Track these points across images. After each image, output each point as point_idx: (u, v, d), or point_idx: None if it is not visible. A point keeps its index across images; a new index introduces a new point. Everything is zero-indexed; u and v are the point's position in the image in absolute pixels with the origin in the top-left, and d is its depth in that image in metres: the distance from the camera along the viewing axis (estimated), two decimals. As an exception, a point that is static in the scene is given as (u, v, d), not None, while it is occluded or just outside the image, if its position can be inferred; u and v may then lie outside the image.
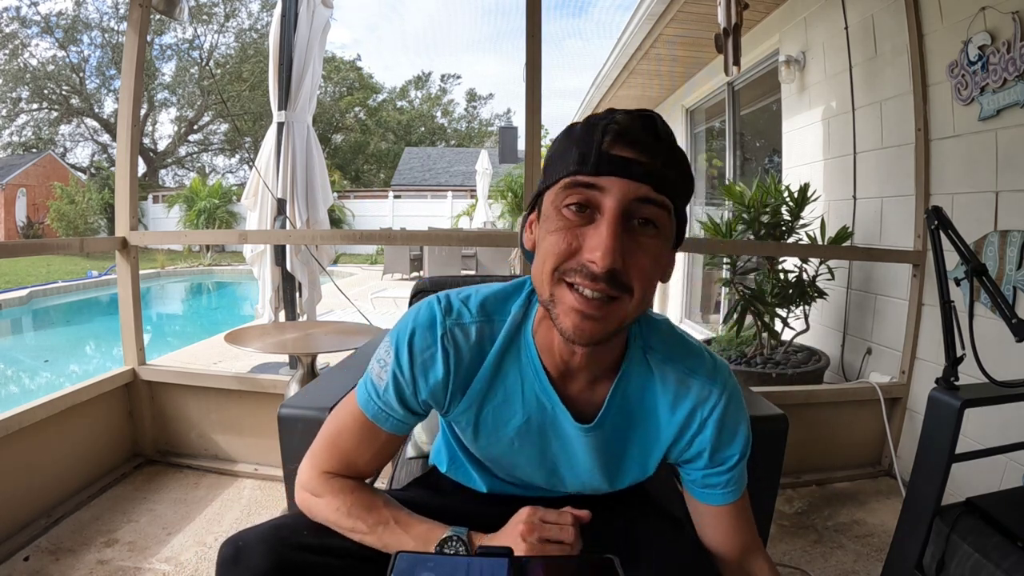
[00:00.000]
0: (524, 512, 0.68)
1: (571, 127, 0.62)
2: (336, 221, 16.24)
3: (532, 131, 1.96)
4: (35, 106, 22.34)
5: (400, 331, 0.71)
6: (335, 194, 17.14)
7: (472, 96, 32.19)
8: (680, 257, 5.44)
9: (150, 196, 18.31)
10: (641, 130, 0.58)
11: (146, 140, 23.62)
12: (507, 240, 2.53)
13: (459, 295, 0.73)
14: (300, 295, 2.91)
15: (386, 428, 0.73)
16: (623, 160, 0.57)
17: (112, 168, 17.37)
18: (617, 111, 0.60)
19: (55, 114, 22.76)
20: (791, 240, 2.63)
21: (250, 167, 3.84)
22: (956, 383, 1.18)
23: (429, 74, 32.06)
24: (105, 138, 23.51)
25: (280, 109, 2.76)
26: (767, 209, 2.60)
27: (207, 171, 25.62)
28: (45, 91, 22.16)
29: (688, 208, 0.65)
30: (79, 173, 20.67)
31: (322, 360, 1.97)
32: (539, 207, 0.64)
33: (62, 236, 14.51)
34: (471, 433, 0.75)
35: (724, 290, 2.86)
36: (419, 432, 1.09)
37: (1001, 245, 1.80)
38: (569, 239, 0.58)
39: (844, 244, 2.48)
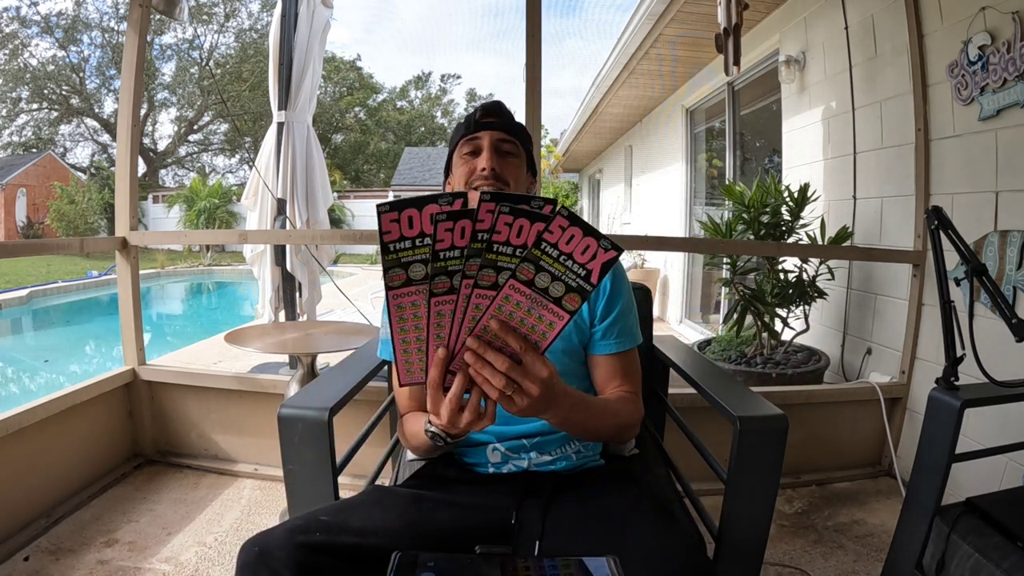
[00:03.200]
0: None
1: (461, 119, 1.08)
2: (336, 221, 16.26)
3: (532, 131, 1.96)
4: (35, 106, 22.34)
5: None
6: (335, 194, 17.15)
7: (472, 96, 32.20)
8: (680, 257, 5.46)
9: (150, 196, 18.32)
10: (494, 109, 1.04)
11: (146, 140, 23.63)
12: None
13: None
14: (300, 295, 2.91)
15: None
16: (487, 122, 1.02)
17: (112, 168, 17.38)
18: (482, 104, 1.06)
19: (55, 114, 22.76)
20: (791, 240, 2.63)
21: (250, 167, 3.84)
22: (956, 383, 1.18)
23: (429, 74, 32.08)
24: (105, 138, 23.52)
25: (280, 109, 2.76)
26: (767, 209, 2.60)
27: (207, 171, 25.64)
28: (45, 91, 22.16)
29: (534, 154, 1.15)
30: (79, 173, 20.68)
31: (322, 360, 1.97)
32: (449, 169, 1.06)
33: (62, 236, 14.51)
34: None
35: (724, 290, 2.86)
36: (419, 432, 1.10)
37: (1001, 245, 1.80)
38: (471, 166, 0.99)
39: (844, 244, 2.48)
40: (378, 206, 0.54)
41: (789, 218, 2.60)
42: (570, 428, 0.82)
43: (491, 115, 1.03)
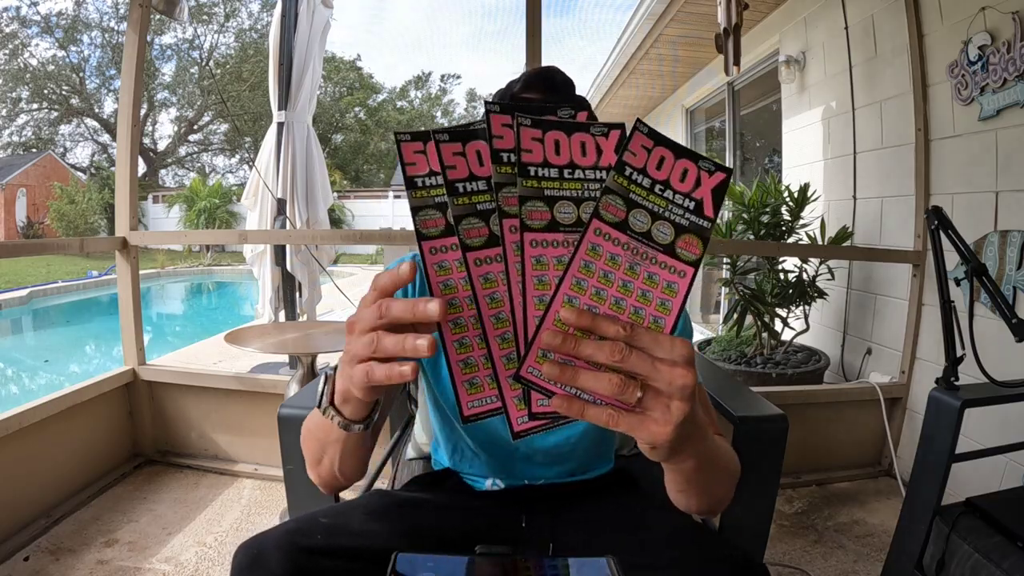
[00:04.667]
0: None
1: (500, 87, 0.82)
2: (336, 221, 16.25)
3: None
4: (35, 106, 22.33)
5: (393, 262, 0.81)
6: (335, 194, 17.13)
7: (472, 96, 32.19)
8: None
9: (150, 196, 18.32)
10: (540, 79, 0.77)
11: (146, 140, 23.62)
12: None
13: None
14: (300, 295, 2.91)
15: None
16: (526, 100, 0.76)
17: (112, 168, 17.38)
18: (531, 69, 0.79)
19: (55, 114, 22.75)
20: (791, 240, 2.63)
21: (250, 167, 3.84)
22: (956, 383, 1.18)
23: (429, 74, 32.04)
24: (105, 138, 23.51)
25: (280, 109, 2.76)
26: (767, 209, 2.60)
27: (207, 171, 25.63)
28: (45, 91, 22.15)
29: None
30: (79, 173, 20.69)
31: (322, 360, 1.97)
32: None
33: (62, 236, 14.51)
34: (436, 373, 0.80)
35: (724, 290, 2.86)
36: (419, 432, 1.09)
37: (1001, 245, 1.80)
38: None
39: (844, 244, 2.48)
40: (396, 134, 0.42)
41: (789, 218, 2.60)
42: (696, 483, 0.56)
43: (534, 88, 0.77)
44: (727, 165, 0.41)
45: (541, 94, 0.76)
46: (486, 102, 0.42)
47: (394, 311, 0.42)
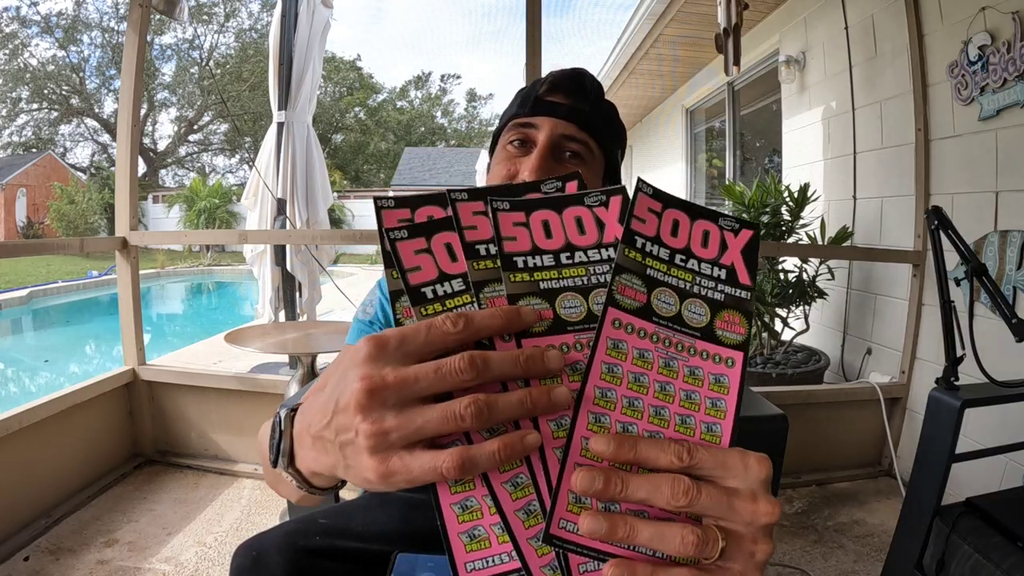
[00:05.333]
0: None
1: (524, 87, 0.76)
2: (336, 221, 16.26)
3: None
4: (35, 106, 22.35)
5: (382, 278, 0.77)
6: (335, 194, 17.15)
7: (472, 96, 32.20)
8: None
9: (150, 196, 18.31)
10: (570, 81, 0.71)
11: (146, 140, 23.63)
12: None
13: None
14: (300, 295, 2.91)
15: None
16: (552, 103, 0.69)
17: (112, 168, 17.39)
18: (559, 70, 0.73)
19: (55, 114, 22.76)
20: (791, 240, 2.63)
21: (250, 167, 3.84)
22: (956, 383, 1.18)
23: (429, 74, 32.12)
24: (105, 138, 23.52)
25: (280, 109, 2.76)
26: (767, 209, 2.60)
27: (207, 171, 25.65)
28: (45, 91, 22.16)
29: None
30: (79, 173, 20.69)
31: (322, 360, 1.97)
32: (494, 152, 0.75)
33: (62, 236, 14.51)
34: None
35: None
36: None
37: (1001, 245, 1.80)
38: (508, 166, 0.68)
39: (844, 244, 2.48)
40: (376, 200, 0.34)
41: (789, 218, 2.60)
42: None
43: (562, 91, 0.70)
44: (752, 221, 0.37)
45: (570, 98, 0.70)
46: (449, 191, 0.34)
47: (497, 365, 0.29)
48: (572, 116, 0.68)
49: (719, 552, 0.29)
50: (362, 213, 17.67)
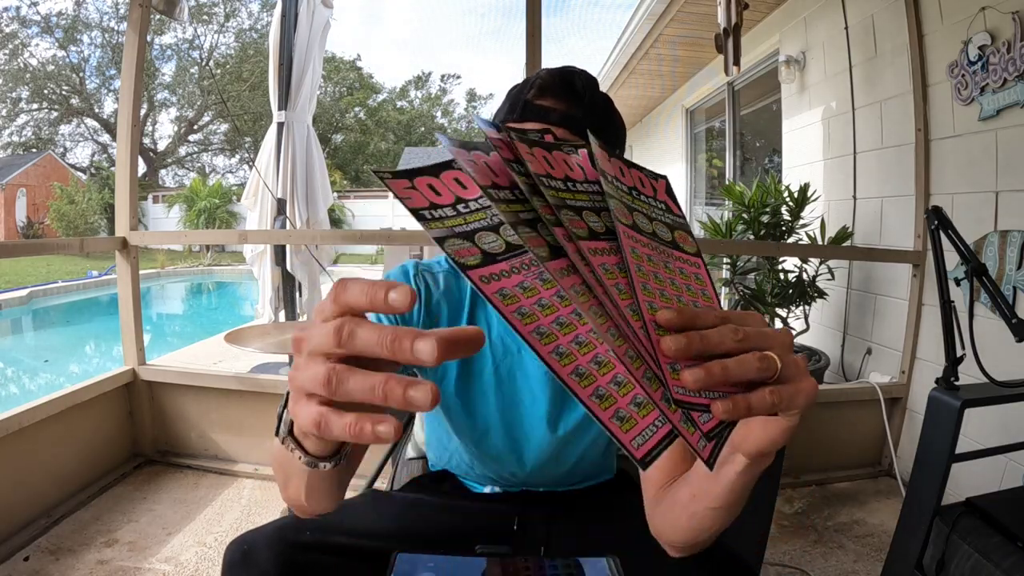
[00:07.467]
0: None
1: (514, 85, 0.73)
2: (336, 221, 16.25)
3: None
4: (35, 106, 22.35)
5: (387, 272, 0.77)
6: (335, 194, 17.15)
7: (472, 96, 32.22)
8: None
9: (150, 196, 18.32)
10: (560, 84, 0.68)
11: (146, 140, 23.63)
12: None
13: (432, 258, 0.81)
14: (300, 295, 2.91)
15: None
16: (543, 108, 0.67)
17: (112, 168, 17.38)
18: (548, 69, 0.71)
19: (55, 114, 22.77)
20: (791, 240, 2.63)
21: (250, 167, 3.84)
22: (956, 383, 1.18)
23: (429, 74, 32.12)
24: (105, 138, 23.52)
25: (280, 109, 2.76)
26: (767, 209, 2.60)
27: (207, 171, 25.66)
28: (45, 91, 22.17)
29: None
30: (79, 173, 20.70)
31: (322, 360, 1.97)
32: None
33: (62, 236, 14.51)
34: (442, 391, 0.78)
35: (724, 290, 2.86)
36: (419, 432, 1.09)
37: (1001, 245, 1.80)
38: None
39: (844, 244, 2.48)
40: (376, 172, 0.37)
41: (789, 218, 2.60)
42: (746, 492, 0.50)
43: (551, 94, 0.68)
44: (661, 175, 0.45)
45: (561, 102, 0.67)
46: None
47: (360, 340, 0.30)
48: (564, 122, 0.67)
49: (778, 371, 0.36)
50: (362, 213, 17.67)
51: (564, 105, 0.68)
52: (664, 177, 0.44)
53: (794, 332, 2.62)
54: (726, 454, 0.43)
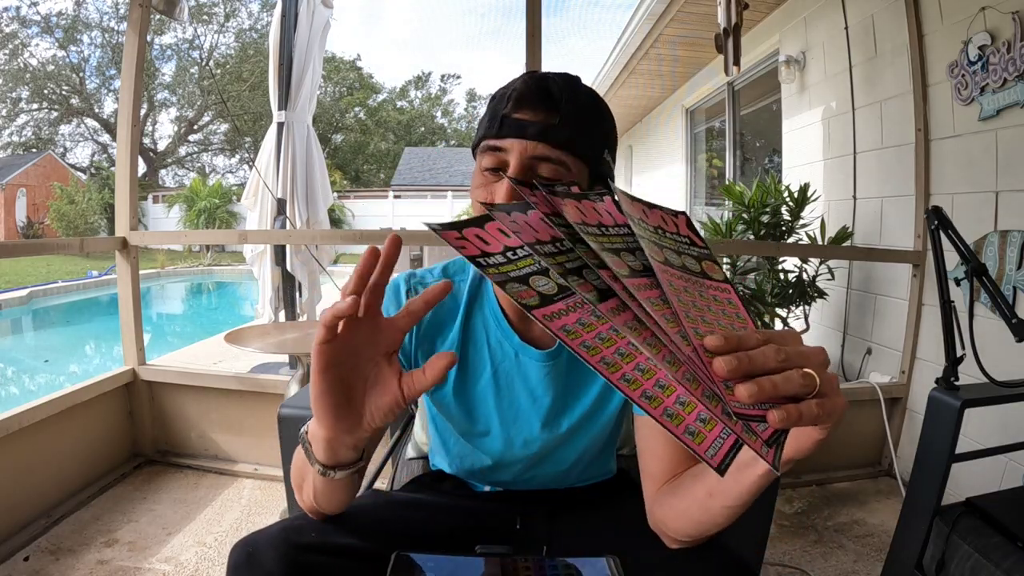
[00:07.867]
0: None
1: (496, 92, 0.72)
2: (336, 221, 16.25)
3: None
4: (35, 106, 22.35)
5: (394, 278, 0.79)
6: (335, 194, 17.15)
7: (472, 96, 32.24)
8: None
9: (150, 196, 18.32)
10: (535, 93, 0.67)
11: (146, 140, 23.63)
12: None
13: (424, 268, 0.82)
14: (300, 295, 2.91)
15: None
16: (519, 122, 0.66)
17: (112, 168, 17.38)
18: (524, 77, 0.69)
19: (55, 114, 22.77)
20: (791, 240, 2.63)
21: (250, 167, 3.84)
22: (956, 383, 1.18)
23: (429, 74, 32.16)
24: (105, 138, 23.52)
25: (280, 109, 2.76)
26: (767, 209, 2.60)
27: (207, 171, 25.66)
28: (45, 91, 22.17)
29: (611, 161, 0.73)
30: (79, 173, 20.69)
31: (322, 360, 1.97)
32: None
33: (62, 236, 14.51)
34: (441, 394, 0.79)
35: (724, 290, 2.85)
36: (419, 432, 1.09)
37: (1001, 245, 1.80)
38: (484, 194, 0.68)
39: (844, 244, 2.48)
40: (428, 225, 0.43)
41: (789, 218, 2.60)
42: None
43: (528, 106, 0.66)
44: (682, 212, 0.48)
45: (538, 114, 0.66)
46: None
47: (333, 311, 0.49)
48: (541, 136, 0.65)
49: (818, 387, 0.38)
50: (362, 213, 17.68)
51: (541, 116, 0.66)
52: (684, 213, 0.48)
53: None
54: (748, 458, 0.48)
